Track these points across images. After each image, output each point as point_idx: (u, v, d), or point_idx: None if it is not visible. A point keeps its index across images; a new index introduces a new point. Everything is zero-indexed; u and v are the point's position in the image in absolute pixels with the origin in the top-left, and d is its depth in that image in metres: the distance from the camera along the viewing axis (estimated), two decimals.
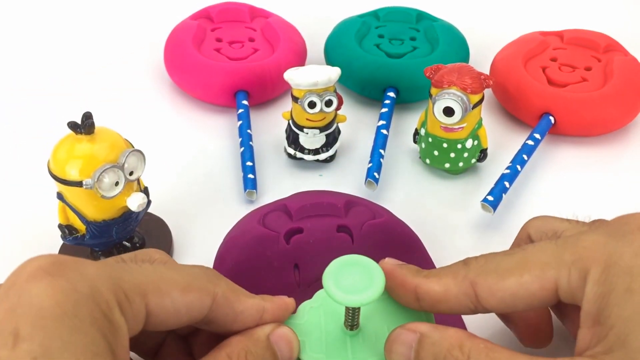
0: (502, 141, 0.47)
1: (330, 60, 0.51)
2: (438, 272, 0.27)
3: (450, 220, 0.41)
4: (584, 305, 0.24)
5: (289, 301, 0.27)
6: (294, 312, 0.28)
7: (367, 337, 0.28)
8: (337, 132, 0.44)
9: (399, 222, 0.36)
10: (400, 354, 0.25)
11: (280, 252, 0.33)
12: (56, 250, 0.38)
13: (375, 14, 0.55)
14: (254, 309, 0.26)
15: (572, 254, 0.25)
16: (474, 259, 0.27)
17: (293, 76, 0.41)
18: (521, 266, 0.25)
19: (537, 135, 0.45)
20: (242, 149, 0.44)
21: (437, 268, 0.28)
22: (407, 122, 0.49)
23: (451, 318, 0.31)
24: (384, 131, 0.45)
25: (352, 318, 0.27)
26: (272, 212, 0.35)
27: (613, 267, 0.23)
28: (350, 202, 0.36)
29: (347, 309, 0.27)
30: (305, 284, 0.32)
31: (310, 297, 0.29)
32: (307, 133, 0.42)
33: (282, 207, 0.35)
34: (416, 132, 0.44)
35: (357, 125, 0.48)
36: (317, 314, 0.28)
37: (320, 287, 0.28)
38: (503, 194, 0.41)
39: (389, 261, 0.28)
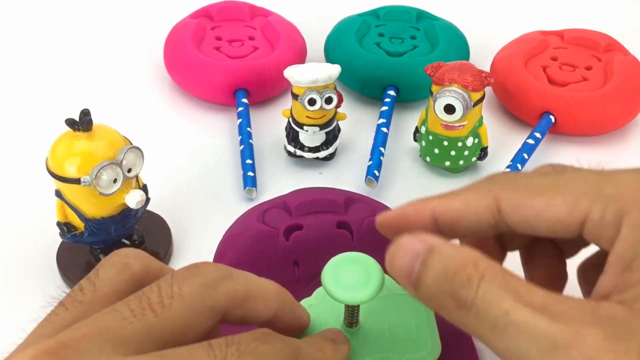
0: (503, 140, 0.47)
1: (330, 59, 0.51)
2: (456, 190, 0.25)
3: None
4: (617, 248, 0.22)
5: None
6: None
7: (367, 335, 0.27)
8: (337, 130, 0.44)
9: None
10: (404, 262, 0.22)
11: (280, 248, 0.33)
12: (54, 248, 0.37)
13: (375, 13, 0.55)
14: None
15: (614, 188, 0.22)
16: (501, 173, 0.25)
17: (293, 73, 0.41)
18: (555, 188, 0.23)
19: (538, 134, 0.45)
20: (242, 146, 0.44)
21: (455, 189, 0.25)
22: (408, 121, 0.49)
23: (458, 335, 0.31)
24: (384, 129, 0.45)
25: (351, 316, 0.27)
26: (271, 209, 0.35)
27: None
28: (350, 199, 0.36)
29: (346, 306, 0.27)
30: (305, 281, 0.32)
31: (310, 293, 0.29)
32: (307, 131, 0.42)
33: (281, 204, 0.35)
34: (416, 130, 0.44)
35: (357, 123, 0.48)
36: (317, 312, 0.28)
37: (320, 284, 0.28)
38: None
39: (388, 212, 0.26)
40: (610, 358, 0.19)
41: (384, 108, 0.47)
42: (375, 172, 0.42)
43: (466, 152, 0.42)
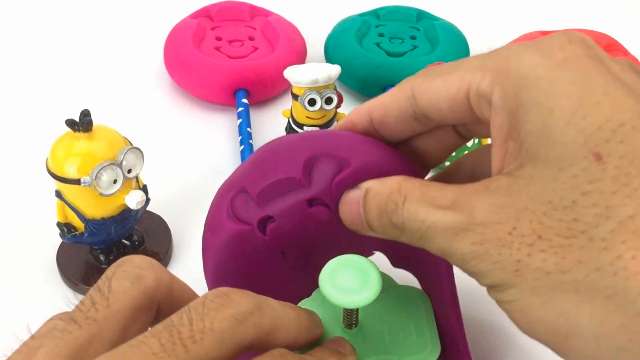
0: None
1: (330, 59, 0.51)
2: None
3: None
4: (494, 119, 0.23)
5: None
6: None
7: (366, 336, 0.27)
8: None
9: (375, 162, 0.28)
10: (352, 214, 0.26)
11: (260, 244, 0.29)
12: (54, 248, 0.38)
13: (375, 13, 0.55)
14: None
15: (494, 60, 0.24)
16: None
17: (293, 74, 0.41)
18: (451, 69, 0.25)
19: None
20: (242, 147, 0.44)
21: None
22: None
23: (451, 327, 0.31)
24: None
25: (350, 317, 0.27)
26: (236, 196, 0.30)
27: (524, 80, 0.22)
28: (310, 159, 0.29)
29: (345, 308, 0.27)
30: (300, 268, 0.30)
31: (309, 282, 0.28)
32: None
33: (241, 189, 0.30)
34: None
35: None
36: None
37: (317, 272, 0.28)
38: None
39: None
40: (494, 229, 0.22)
41: None
42: None
43: (466, 152, 0.42)
